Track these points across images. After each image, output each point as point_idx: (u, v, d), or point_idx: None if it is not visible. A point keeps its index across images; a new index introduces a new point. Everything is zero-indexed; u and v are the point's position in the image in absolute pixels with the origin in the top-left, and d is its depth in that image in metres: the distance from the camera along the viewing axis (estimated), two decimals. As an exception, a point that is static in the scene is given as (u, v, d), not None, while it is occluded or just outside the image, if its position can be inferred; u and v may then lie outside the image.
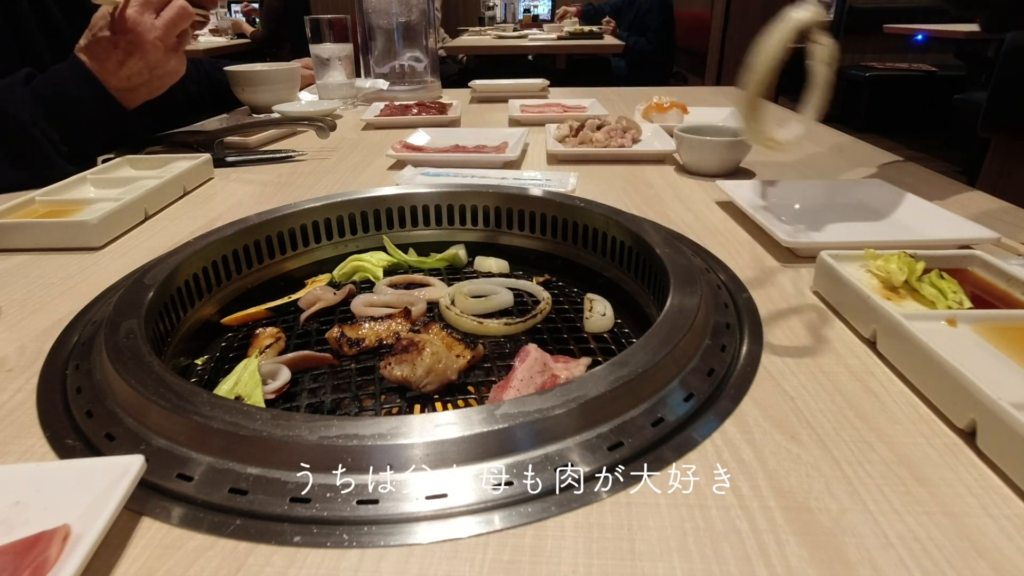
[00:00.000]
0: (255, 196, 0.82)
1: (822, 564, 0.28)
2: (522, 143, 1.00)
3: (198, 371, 0.52)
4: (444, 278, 0.64)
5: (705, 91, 1.80)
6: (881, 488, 0.32)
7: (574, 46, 3.77)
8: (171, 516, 0.31)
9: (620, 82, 3.89)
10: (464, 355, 0.48)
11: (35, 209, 0.71)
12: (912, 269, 0.48)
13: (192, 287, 0.55)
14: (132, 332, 0.42)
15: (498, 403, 0.34)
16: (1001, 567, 0.28)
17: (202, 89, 1.36)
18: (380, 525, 0.30)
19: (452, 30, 4.94)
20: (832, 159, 0.97)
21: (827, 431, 0.36)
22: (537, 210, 0.67)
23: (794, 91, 0.98)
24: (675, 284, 0.47)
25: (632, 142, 1.00)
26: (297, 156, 1.01)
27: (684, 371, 0.40)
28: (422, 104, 1.33)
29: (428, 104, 1.33)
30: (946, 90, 4.07)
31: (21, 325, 0.50)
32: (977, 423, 0.35)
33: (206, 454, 0.33)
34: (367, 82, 1.50)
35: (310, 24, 1.39)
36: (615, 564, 0.28)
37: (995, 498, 0.31)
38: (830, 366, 0.43)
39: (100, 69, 0.87)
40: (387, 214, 0.69)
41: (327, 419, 0.34)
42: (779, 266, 0.59)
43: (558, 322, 0.56)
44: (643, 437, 0.35)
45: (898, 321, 0.42)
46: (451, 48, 3.89)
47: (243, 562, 0.28)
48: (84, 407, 0.39)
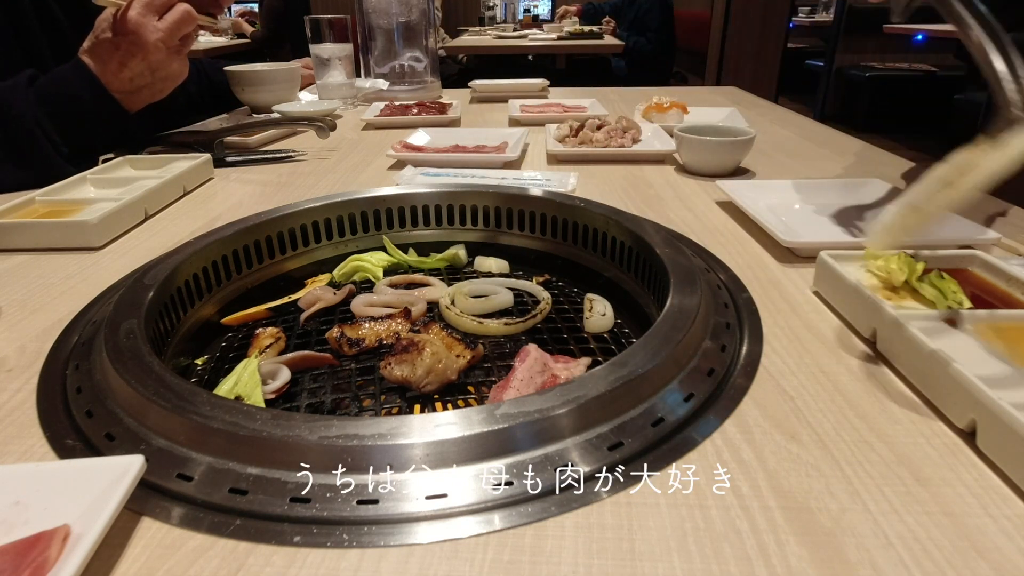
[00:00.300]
0: (255, 196, 0.82)
1: (822, 564, 0.28)
2: (522, 143, 1.00)
3: (198, 371, 0.52)
4: (444, 278, 0.64)
5: (705, 91, 1.80)
6: (881, 488, 0.32)
7: (574, 46, 3.77)
8: (171, 516, 0.31)
9: (620, 82, 3.89)
10: (464, 355, 0.48)
11: (35, 209, 0.71)
12: (912, 269, 0.48)
13: (192, 287, 0.55)
14: (132, 332, 0.42)
15: (498, 403, 0.34)
16: (1001, 567, 0.28)
17: (202, 90, 1.36)
18: (380, 525, 0.30)
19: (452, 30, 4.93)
20: (832, 159, 0.97)
21: (827, 431, 0.36)
22: (537, 210, 0.67)
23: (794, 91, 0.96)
24: (675, 284, 0.47)
25: (632, 142, 1.00)
26: (297, 156, 1.01)
27: (684, 371, 0.40)
28: (422, 104, 1.33)
29: (428, 104, 1.33)
30: (946, 90, 4.07)
31: (21, 325, 0.50)
32: (977, 423, 0.35)
33: (206, 454, 0.33)
34: (367, 82, 1.50)
35: (310, 24, 1.39)
36: (615, 564, 0.28)
37: (995, 498, 0.31)
38: (830, 366, 0.43)
39: (102, 71, 0.87)
40: (387, 214, 0.69)
41: (327, 419, 0.34)
42: (779, 266, 0.59)
43: (558, 322, 0.56)
44: (643, 437, 0.35)
45: (898, 321, 0.42)
46: (451, 48, 3.88)
47: (243, 562, 0.28)
48: (84, 407, 0.39)
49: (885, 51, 4.64)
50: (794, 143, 1.07)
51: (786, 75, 4.53)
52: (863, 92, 4.48)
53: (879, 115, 4.47)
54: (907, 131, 4.35)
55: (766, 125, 1.20)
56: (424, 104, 1.33)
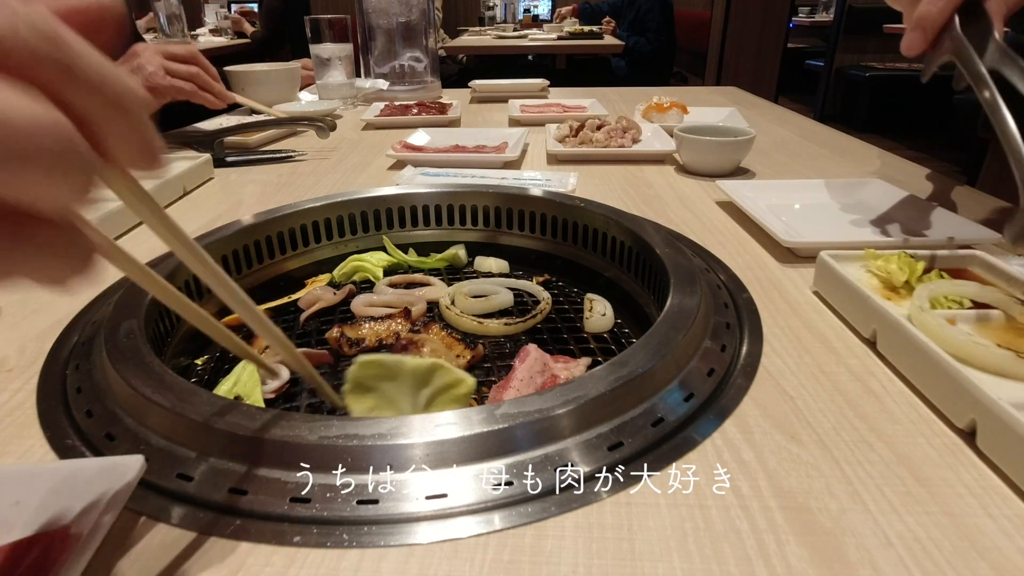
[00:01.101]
0: (255, 196, 0.82)
1: (822, 564, 0.28)
2: (522, 143, 1.00)
3: (198, 371, 0.52)
4: (444, 278, 0.64)
5: (705, 91, 1.80)
6: (881, 488, 0.32)
7: (574, 46, 3.77)
8: (171, 516, 0.31)
9: (620, 82, 3.88)
10: (464, 355, 0.48)
11: (35, 209, 0.71)
12: (912, 269, 0.48)
13: (192, 287, 0.55)
14: (132, 332, 0.42)
15: (498, 403, 0.34)
16: (1001, 567, 0.28)
17: None
18: (380, 525, 0.30)
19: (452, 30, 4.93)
20: (832, 159, 0.97)
21: (827, 431, 0.36)
22: (537, 210, 0.67)
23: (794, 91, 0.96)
24: (675, 284, 0.47)
25: (632, 142, 1.00)
26: (297, 156, 1.01)
27: (684, 371, 0.40)
28: (422, 104, 1.33)
29: (428, 104, 1.33)
30: (946, 90, 4.05)
31: (21, 325, 0.50)
32: (977, 423, 0.35)
33: (206, 454, 0.33)
34: (367, 82, 1.50)
35: (310, 24, 1.39)
36: (615, 564, 0.28)
37: (995, 498, 0.31)
38: (830, 366, 0.43)
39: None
40: (387, 214, 0.69)
41: (327, 419, 0.34)
42: (779, 266, 0.59)
43: (558, 322, 0.56)
44: (643, 437, 0.35)
45: (898, 321, 0.42)
46: (451, 48, 3.88)
47: (243, 562, 0.28)
48: (84, 407, 0.39)
49: (885, 51, 4.64)
50: (794, 143, 1.07)
51: (786, 75, 4.53)
52: (863, 92, 4.48)
53: (879, 115, 4.46)
54: (907, 131, 4.35)
55: (766, 125, 1.20)
56: (424, 104, 1.33)
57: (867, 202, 0.72)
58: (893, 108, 4.44)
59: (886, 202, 0.71)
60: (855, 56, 4.65)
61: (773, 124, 1.22)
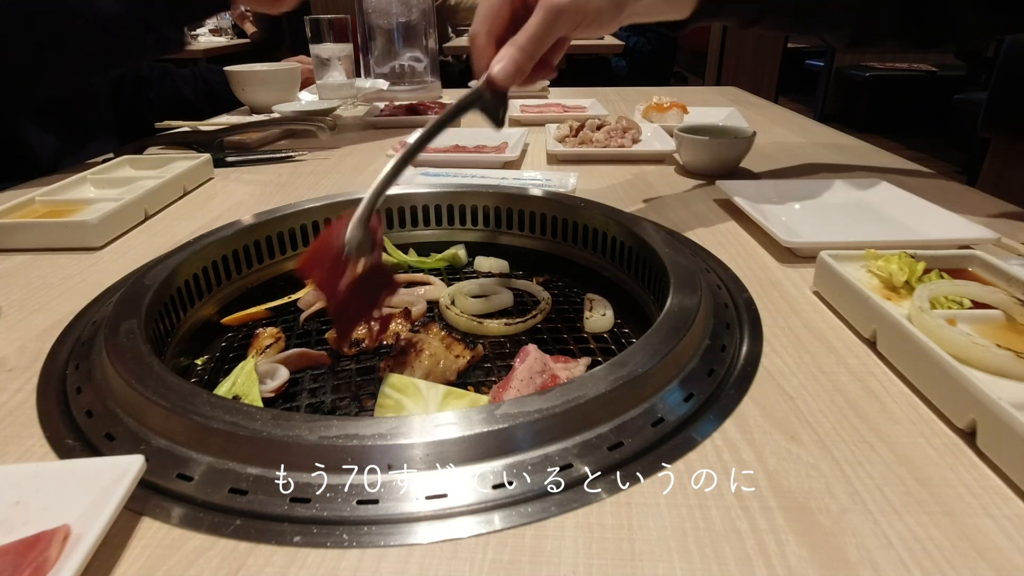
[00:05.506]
0: (255, 196, 0.82)
1: (822, 564, 0.28)
2: (522, 143, 1.00)
3: (198, 371, 0.52)
4: (444, 278, 0.64)
5: (705, 91, 1.80)
6: (881, 488, 0.32)
7: (574, 46, 3.77)
8: (171, 516, 0.31)
9: (620, 82, 3.88)
10: (464, 355, 0.48)
11: (35, 209, 0.71)
12: (912, 269, 0.48)
13: (192, 287, 0.55)
14: (132, 332, 0.42)
15: (498, 403, 0.34)
16: (1001, 567, 0.28)
17: (199, 94, 1.36)
18: (380, 525, 0.30)
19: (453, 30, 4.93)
20: (832, 159, 0.97)
21: (827, 431, 0.36)
22: (537, 210, 0.67)
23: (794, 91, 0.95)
24: (675, 284, 0.47)
25: (632, 142, 1.00)
26: (297, 156, 1.01)
27: (684, 371, 0.40)
28: (422, 104, 1.33)
29: (428, 104, 1.33)
30: (946, 90, 4.07)
31: (21, 325, 0.50)
32: (977, 423, 0.35)
33: (206, 454, 0.33)
34: (367, 82, 1.49)
35: (310, 24, 1.38)
36: (615, 564, 0.28)
37: (995, 498, 0.31)
38: (830, 366, 0.43)
39: None
40: (387, 214, 0.69)
41: (327, 419, 0.34)
42: (779, 266, 0.59)
43: (558, 322, 0.56)
44: (643, 437, 0.35)
45: (898, 321, 0.42)
46: (451, 48, 3.88)
47: (243, 562, 0.28)
48: (84, 407, 0.39)
49: (885, 51, 4.64)
50: (794, 143, 1.07)
51: (786, 75, 4.53)
52: (863, 92, 4.48)
53: (879, 115, 4.46)
54: (907, 131, 4.35)
55: (766, 125, 1.20)
56: (424, 104, 1.33)
57: (867, 202, 0.72)
58: (893, 108, 4.44)
59: (886, 202, 0.71)
60: (855, 56, 4.65)
61: (773, 124, 1.22)
